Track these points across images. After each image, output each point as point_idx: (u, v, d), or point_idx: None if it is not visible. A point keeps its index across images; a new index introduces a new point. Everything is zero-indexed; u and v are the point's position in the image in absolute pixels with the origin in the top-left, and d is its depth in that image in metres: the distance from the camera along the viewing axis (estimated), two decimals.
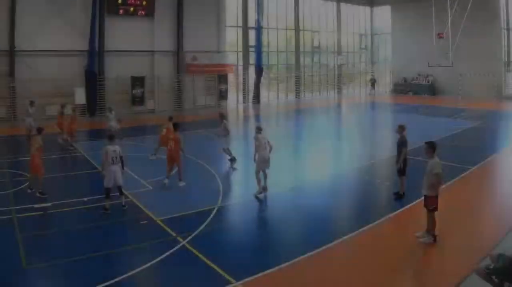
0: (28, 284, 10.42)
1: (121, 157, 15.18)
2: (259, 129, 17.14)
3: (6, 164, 21.13)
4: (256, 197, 16.37)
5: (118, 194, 15.26)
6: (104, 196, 14.89)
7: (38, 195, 16.25)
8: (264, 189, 16.71)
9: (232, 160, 21.12)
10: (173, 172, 18.35)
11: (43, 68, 36.78)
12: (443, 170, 12.61)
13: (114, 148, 15.09)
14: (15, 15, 35.84)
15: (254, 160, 16.91)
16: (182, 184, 18.00)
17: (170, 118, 22.16)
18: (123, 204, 15.14)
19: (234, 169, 20.53)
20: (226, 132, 21.28)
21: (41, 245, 12.45)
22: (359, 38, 65.11)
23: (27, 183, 17.19)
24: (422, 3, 53.47)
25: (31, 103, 28.50)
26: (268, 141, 16.87)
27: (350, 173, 20.51)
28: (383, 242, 12.85)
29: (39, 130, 17.81)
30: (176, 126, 18.79)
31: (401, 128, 16.31)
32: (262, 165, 16.60)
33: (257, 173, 16.61)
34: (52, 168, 19.67)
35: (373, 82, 60.45)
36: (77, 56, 39.05)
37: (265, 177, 16.76)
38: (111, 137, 15.72)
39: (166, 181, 17.82)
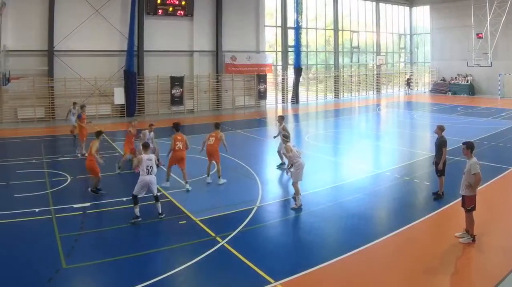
0: (68, 284, 10.07)
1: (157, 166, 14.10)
2: (286, 138, 15.50)
3: (45, 164, 20.49)
4: (292, 209, 14.67)
5: (153, 201, 14.01)
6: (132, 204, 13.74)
7: (91, 192, 15.99)
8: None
9: (282, 164, 19.62)
10: (213, 171, 17.96)
11: (81, 69, 35.42)
12: (481, 170, 11.95)
13: (149, 157, 13.77)
14: (54, 16, 34.39)
15: (287, 172, 15.61)
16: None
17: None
18: (160, 211, 13.83)
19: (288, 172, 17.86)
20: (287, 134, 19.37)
21: (80, 245, 11.89)
22: (398, 38, 62.11)
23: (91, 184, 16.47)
24: (461, 3, 51.46)
25: (74, 104, 26.90)
26: (298, 150, 15.35)
27: (389, 173, 19.22)
28: (422, 243, 12.26)
29: (98, 134, 16.61)
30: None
31: (440, 129, 15.70)
32: (301, 173, 14.80)
33: (296, 183, 14.77)
34: None
35: (409, 82, 57.55)
36: (116, 57, 37.42)
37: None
38: (145, 146, 14.44)
39: (208, 179, 17.46)
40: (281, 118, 20.08)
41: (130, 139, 20.15)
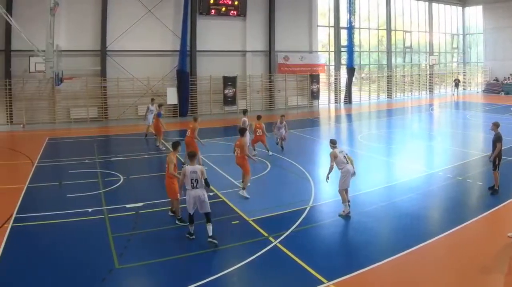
0: (121, 284, 9.58)
1: (205, 180, 11.11)
2: (333, 144, 13.59)
3: (98, 164, 19.47)
4: (340, 216, 13.22)
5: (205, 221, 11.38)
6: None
7: (177, 222, 12.67)
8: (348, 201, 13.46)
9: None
10: (265, 171, 17.47)
11: (134, 69, 33.12)
12: None
13: (193, 169, 11.13)
14: (107, 16, 32.24)
15: (327, 179, 13.24)
16: (244, 193, 14.93)
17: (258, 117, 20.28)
18: (210, 234, 11.02)
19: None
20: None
21: (133, 245, 11.23)
22: (450, 38, 57.10)
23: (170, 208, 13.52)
24: None
25: (152, 101, 25.87)
26: (347, 154, 13.60)
27: (441, 172, 17.86)
28: (475, 242, 11.48)
29: (175, 146, 13.20)
30: (241, 131, 16.46)
31: (495, 126, 15.21)
32: (348, 180, 13.22)
33: (341, 191, 13.25)
34: (145, 168, 18.67)
35: (457, 83, 52.46)
36: (169, 56, 34.92)
37: (347, 192, 13.51)
38: (191, 156, 11.61)
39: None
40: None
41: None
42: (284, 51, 40.14)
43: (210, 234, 10.94)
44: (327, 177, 13.15)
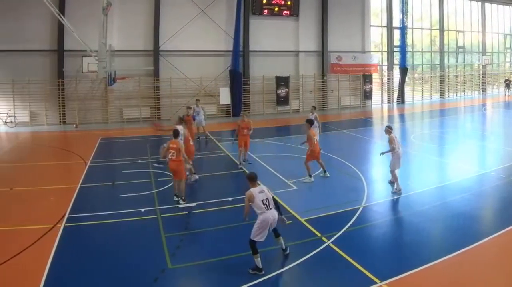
0: (173, 284, 8.68)
1: (273, 198, 9.22)
2: (390, 129, 14.27)
3: (151, 164, 17.97)
4: (393, 193, 13.77)
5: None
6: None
7: (180, 202, 13.02)
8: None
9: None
10: (317, 171, 15.84)
11: (186, 69, 30.40)
12: None
13: (260, 189, 9.09)
14: (160, 16, 29.64)
15: (382, 154, 14.65)
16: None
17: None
18: (284, 247, 9.51)
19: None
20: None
21: (185, 245, 10.20)
22: (504, 38, 51.89)
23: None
24: None
25: (197, 101, 23.59)
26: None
27: (494, 173, 16.38)
28: None
29: (175, 134, 13.43)
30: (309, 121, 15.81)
31: None
32: (398, 162, 14.02)
33: (393, 171, 14.02)
34: (198, 168, 16.78)
35: (507, 83, 47.80)
36: (222, 57, 32.00)
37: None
38: (251, 178, 9.34)
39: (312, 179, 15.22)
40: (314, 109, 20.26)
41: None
42: (337, 51, 36.57)
43: (284, 247, 9.46)
44: (382, 153, 14.47)
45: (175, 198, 13.16)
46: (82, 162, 18.41)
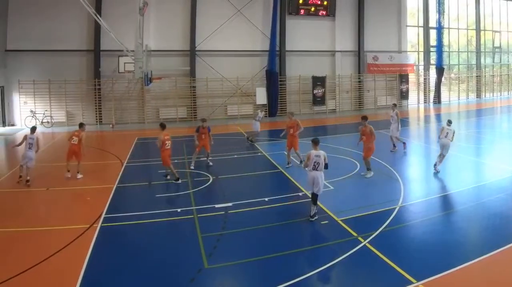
0: (210, 284, 8.09)
1: (325, 164, 10.49)
2: (449, 123, 14.95)
3: (187, 164, 16.92)
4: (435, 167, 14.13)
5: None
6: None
7: (174, 181, 13.74)
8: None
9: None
10: (354, 171, 15.06)
11: (223, 69, 28.13)
12: None
13: (317, 153, 10.50)
14: (196, 16, 27.43)
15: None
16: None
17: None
18: (312, 214, 10.45)
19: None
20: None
21: (222, 245, 9.48)
22: None
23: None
24: None
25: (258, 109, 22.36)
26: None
27: None
28: None
29: (162, 126, 14.40)
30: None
31: None
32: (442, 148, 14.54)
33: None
34: (234, 168, 16.29)
35: None
36: (258, 57, 29.54)
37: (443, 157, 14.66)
38: (315, 142, 10.79)
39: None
40: (394, 106, 19.51)
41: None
42: (373, 51, 33.63)
43: (311, 213, 10.57)
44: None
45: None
46: (118, 161, 17.45)
